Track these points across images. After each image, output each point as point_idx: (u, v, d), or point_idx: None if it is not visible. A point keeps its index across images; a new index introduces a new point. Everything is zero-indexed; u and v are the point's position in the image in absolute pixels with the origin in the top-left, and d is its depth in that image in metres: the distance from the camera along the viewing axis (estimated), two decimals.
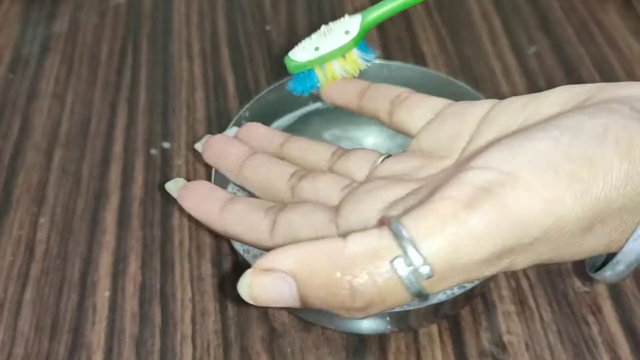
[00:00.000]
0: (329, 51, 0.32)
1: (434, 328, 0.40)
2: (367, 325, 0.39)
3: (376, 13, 0.32)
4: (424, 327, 0.40)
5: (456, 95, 0.47)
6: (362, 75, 0.48)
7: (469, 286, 0.39)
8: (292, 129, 0.49)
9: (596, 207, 0.19)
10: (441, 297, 0.39)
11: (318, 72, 0.33)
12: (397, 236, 0.19)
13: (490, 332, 0.40)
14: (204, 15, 0.63)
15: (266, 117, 0.48)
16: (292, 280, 0.19)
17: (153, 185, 0.49)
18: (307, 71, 0.33)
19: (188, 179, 0.48)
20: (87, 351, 0.40)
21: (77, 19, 0.63)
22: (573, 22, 0.61)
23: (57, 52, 0.60)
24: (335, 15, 0.34)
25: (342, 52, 0.32)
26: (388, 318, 0.38)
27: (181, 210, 0.47)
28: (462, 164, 0.22)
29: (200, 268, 0.44)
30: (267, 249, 0.26)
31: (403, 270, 0.19)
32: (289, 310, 0.41)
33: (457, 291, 0.39)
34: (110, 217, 0.47)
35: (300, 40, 0.34)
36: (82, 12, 0.64)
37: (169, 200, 0.48)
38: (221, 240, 0.45)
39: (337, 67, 0.32)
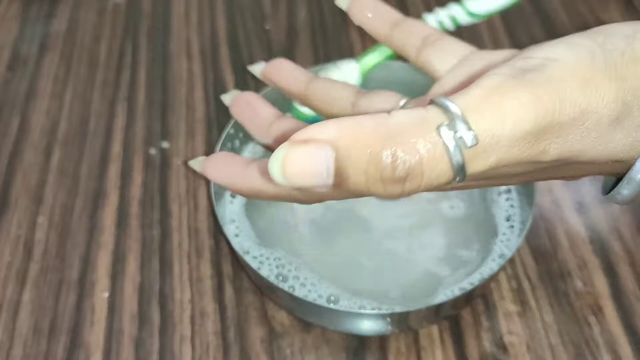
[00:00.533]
0: None
1: (435, 329, 0.40)
2: (368, 326, 0.39)
3: (372, 63, 0.33)
4: (424, 327, 0.40)
5: None
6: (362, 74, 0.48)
7: (469, 287, 0.39)
8: None
9: (627, 96, 0.20)
10: (442, 297, 0.39)
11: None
12: (444, 108, 0.19)
13: (491, 333, 0.40)
14: (203, 14, 0.63)
15: None
16: (330, 150, 0.19)
17: (152, 185, 0.48)
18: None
19: (186, 179, 0.49)
20: (85, 352, 0.40)
21: (75, 18, 0.63)
22: (574, 21, 0.61)
23: (55, 51, 0.59)
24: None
25: None
26: (388, 319, 0.37)
27: (180, 210, 0.47)
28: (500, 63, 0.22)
29: (199, 269, 0.43)
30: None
31: (448, 136, 0.19)
32: (288, 310, 0.41)
33: (457, 292, 0.39)
34: (108, 217, 0.47)
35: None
36: (80, 11, 0.63)
37: (167, 201, 0.47)
38: (220, 240, 0.45)
39: None
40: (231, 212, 0.44)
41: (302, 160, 0.19)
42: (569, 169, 0.23)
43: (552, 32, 0.60)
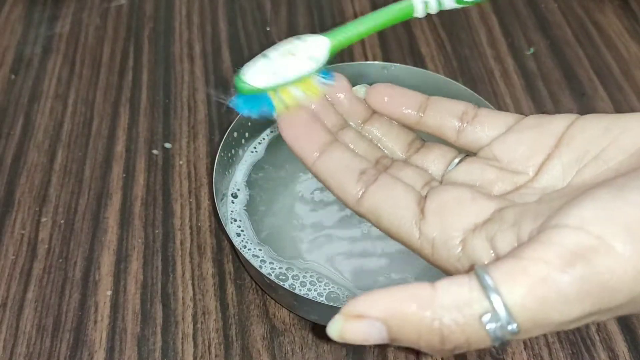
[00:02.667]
0: (290, 79, 0.28)
1: None
2: None
3: (344, 37, 0.30)
4: None
5: (455, 96, 0.47)
6: (363, 76, 0.49)
7: None
8: None
9: None
10: None
11: (271, 94, 0.29)
12: (487, 290, 0.20)
13: None
14: (205, 17, 0.63)
15: (267, 118, 0.48)
16: (382, 326, 0.20)
17: (155, 185, 0.49)
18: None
19: (189, 179, 0.49)
20: (89, 350, 0.40)
21: (79, 20, 0.63)
22: (571, 23, 0.61)
23: (59, 53, 0.60)
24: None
25: (304, 79, 0.29)
26: None
27: (182, 209, 0.47)
28: (552, 213, 0.22)
29: (201, 267, 0.44)
30: (349, 209, 0.27)
31: (491, 325, 0.20)
32: (289, 308, 0.41)
33: None
34: (112, 217, 0.47)
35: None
36: (84, 14, 0.64)
37: (170, 200, 0.48)
38: (222, 239, 0.45)
39: (294, 92, 0.29)
40: (233, 211, 0.44)
41: (358, 333, 0.21)
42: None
43: (550, 33, 0.60)
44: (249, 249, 0.42)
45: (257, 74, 0.28)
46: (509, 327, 0.20)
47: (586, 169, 0.24)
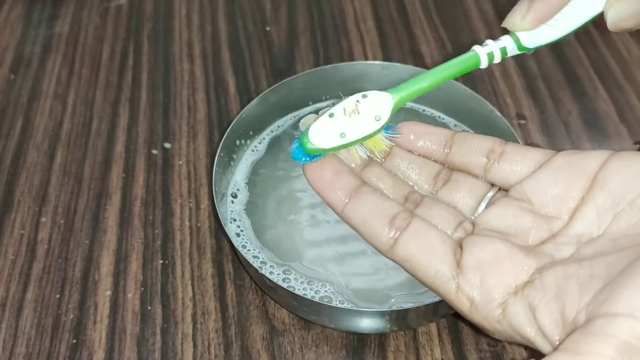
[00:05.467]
0: (357, 139, 0.28)
1: (433, 327, 0.41)
2: (367, 324, 0.39)
3: (408, 93, 0.30)
4: (423, 326, 0.41)
5: (455, 96, 0.47)
6: (363, 76, 0.49)
7: None
8: (293, 129, 0.49)
9: None
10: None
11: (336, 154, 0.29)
12: None
13: None
14: (204, 17, 0.63)
15: (267, 118, 0.48)
16: None
17: (154, 185, 0.49)
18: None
19: (188, 179, 0.49)
20: (88, 350, 0.40)
21: (78, 20, 0.63)
22: None
23: (58, 52, 0.60)
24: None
25: (369, 137, 0.29)
26: (387, 317, 0.38)
27: (181, 209, 0.47)
28: (599, 300, 0.21)
29: (201, 267, 0.44)
30: (383, 255, 0.26)
31: None
32: (289, 309, 0.41)
33: None
34: (111, 217, 0.47)
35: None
36: (83, 13, 0.64)
37: (169, 200, 0.48)
38: (222, 239, 0.45)
39: (359, 149, 0.29)
40: (232, 211, 0.44)
41: None
42: None
43: None
44: (248, 250, 0.42)
45: (322, 134, 0.28)
46: None
47: (622, 215, 0.24)
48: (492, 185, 0.28)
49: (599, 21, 0.63)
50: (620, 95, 0.55)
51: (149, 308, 0.42)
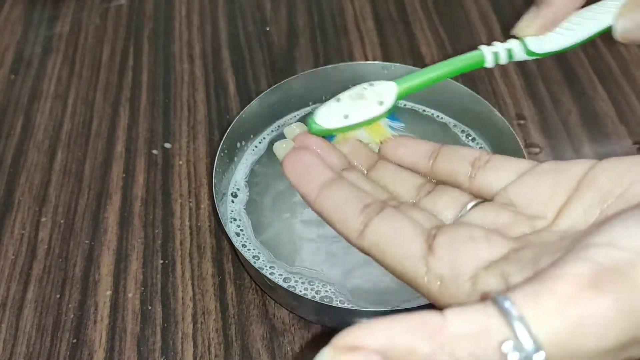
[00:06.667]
0: (359, 121, 0.29)
1: None
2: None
3: (412, 84, 0.31)
4: None
5: (455, 96, 0.47)
6: (363, 76, 0.49)
7: None
8: None
9: None
10: None
11: (339, 135, 0.30)
12: (506, 315, 0.17)
13: None
14: (204, 17, 0.63)
15: (267, 118, 0.49)
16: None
17: (154, 185, 0.49)
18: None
19: (188, 179, 0.49)
20: (88, 349, 0.40)
21: (78, 20, 0.63)
22: None
23: (58, 53, 0.60)
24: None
25: (372, 122, 0.30)
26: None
27: (182, 209, 0.47)
28: (576, 241, 0.20)
29: (201, 267, 0.44)
30: (352, 245, 0.25)
31: (512, 355, 0.17)
32: (289, 309, 0.41)
33: None
34: (111, 217, 0.47)
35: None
36: (83, 14, 0.64)
37: (170, 200, 0.48)
38: (222, 239, 0.45)
39: (362, 135, 0.30)
40: (232, 211, 0.44)
41: None
42: None
43: None
44: (248, 249, 0.42)
45: (328, 115, 0.29)
46: (535, 358, 0.17)
47: (610, 209, 0.22)
48: (476, 198, 0.28)
49: None
50: (620, 95, 0.55)
51: (149, 308, 0.42)
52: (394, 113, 0.30)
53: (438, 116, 0.49)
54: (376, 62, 0.50)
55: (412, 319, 0.17)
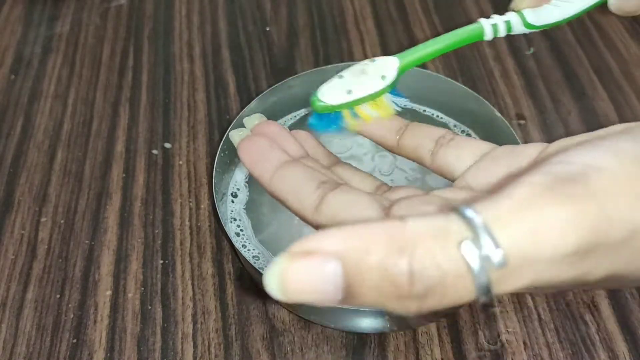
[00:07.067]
0: (362, 96, 0.29)
1: (433, 327, 0.41)
2: (367, 324, 0.39)
3: (413, 57, 0.31)
4: (422, 325, 0.41)
5: (455, 96, 0.47)
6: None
7: None
8: (292, 129, 0.49)
9: None
10: None
11: (345, 112, 0.30)
12: (467, 219, 0.17)
13: (489, 331, 0.40)
14: (204, 17, 0.63)
15: (267, 118, 0.48)
16: (337, 263, 0.16)
17: (154, 185, 0.49)
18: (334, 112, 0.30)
19: (188, 179, 0.49)
20: (88, 349, 0.40)
21: (78, 20, 0.63)
22: (571, 23, 0.61)
23: (58, 53, 0.60)
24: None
25: (375, 96, 0.30)
26: (387, 317, 0.38)
27: (182, 209, 0.47)
28: (532, 166, 0.20)
29: (201, 267, 0.44)
30: (308, 223, 0.24)
31: (472, 253, 0.16)
32: (289, 309, 0.41)
33: None
34: (111, 217, 0.47)
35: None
36: (83, 14, 0.64)
37: (170, 200, 0.48)
38: (222, 239, 0.45)
39: (367, 110, 0.30)
40: (232, 210, 0.44)
41: (305, 276, 0.16)
42: (615, 283, 0.20)
43: (550, 33, 0.60)
44: (248, 249, 0.42)
45: (331, 92, 0.29)
46: (494, 257, 0.16)
47: None
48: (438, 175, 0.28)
49: (598, 21, 0.63)
50: (620, 95, 0.55)
51: (149, 308, 0.42)
52: (397, 88, 0.31)
53: (438, 116, 0.49)
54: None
55: (371, 224, 0.17)
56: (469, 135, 0.48)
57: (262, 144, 0.27)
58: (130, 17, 0.63)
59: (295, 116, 0.50)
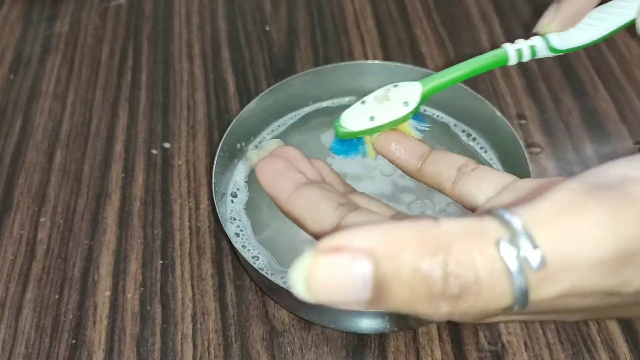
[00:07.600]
0: (385, 122, 0.29)
1: (433, 327, 0.40)
2: (367, 325, 0.39)
3: (437, 83, 0.31)
4: (423, 326, 0.40)
5: (455, 96, 0.47)
6: (363, 74, 0.49)
7: None
8: (292, 129, 0.49)
9: None
10: None
11: (367, 139, 0.30)
12: (504, 221, 0.16)
13: (489, 332, 0.40)
14: (204, 16, 0.63)
15: (267, 117, 0.48)
16: (368, 260, 0.16)
17: (153, 185, 0.49)
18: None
19: (188, 179, 0.49)
20: (88, 350, 0.40)
21: (78, 20, 0.63)
22: None
23: (58, 52, 0.60)
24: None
25: (397, 123, 0.30)
26: (387, 317, 0.38)
27: (181, 209, 0.47)
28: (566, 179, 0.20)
29: (200, 268, 0.44)
30: None
31: (510, 253, 0.16)
32: (289, 309, 0.41)
33: None
34: (110, 217, 0.47)
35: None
36: (82, 13, 0.64)
37: (169, 200, 0.48)
38: (221, 239, 0.45)
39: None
40: (232, 211, 0.44)
41: (333, 273, 0.16)
42: None
43: None
44: (248, 250, 0.42)
45: (353, 118, 0.29)
46: (533, 258, 0.16)
47: None
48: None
49: None
50: (621, 95, 0.55)
51: (149, 308, 0.42)
52: (419, 114, 0.30)
53: (438, 116, 0.49)
54: (376, 62, 0.50)
55: (403, 223, 0.16)
56: (469, 135, 0.48)
57: (280, 164, 0.27)
58: (129, 17, 0.63)
59: (295, 116, 0.49)
